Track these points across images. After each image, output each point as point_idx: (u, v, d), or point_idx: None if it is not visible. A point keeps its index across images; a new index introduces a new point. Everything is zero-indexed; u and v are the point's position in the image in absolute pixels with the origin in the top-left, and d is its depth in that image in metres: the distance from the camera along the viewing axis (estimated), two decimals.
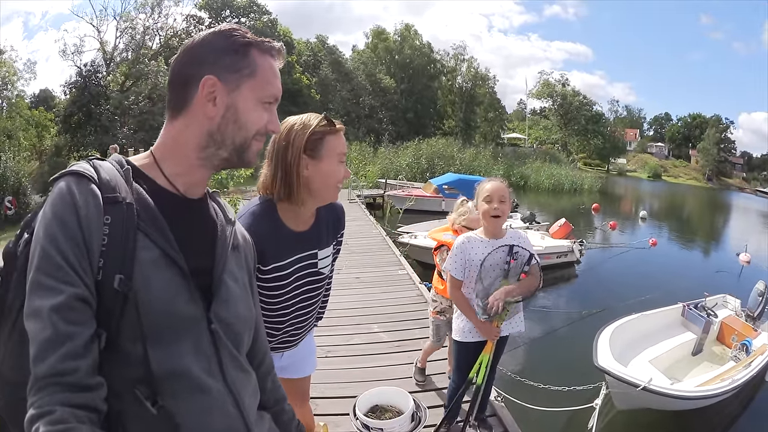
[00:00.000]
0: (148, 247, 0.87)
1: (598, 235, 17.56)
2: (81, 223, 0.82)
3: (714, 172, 66.79)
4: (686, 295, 7.27)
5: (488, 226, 2.66)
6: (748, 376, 5.23)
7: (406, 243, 10.11)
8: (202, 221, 1.03)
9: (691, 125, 75.38)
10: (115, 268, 0.82)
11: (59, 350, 0.76)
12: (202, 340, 0.93)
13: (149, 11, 29.14)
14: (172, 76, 0.98)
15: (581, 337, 6.13)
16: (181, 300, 0.89)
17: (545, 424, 4.62)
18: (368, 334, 4.79)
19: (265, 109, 1.00)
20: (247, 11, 36.63)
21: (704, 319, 6.34)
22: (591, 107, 57.22)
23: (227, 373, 0.96)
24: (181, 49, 0.98)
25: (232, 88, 0.95)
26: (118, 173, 0.90)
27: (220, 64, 0.94)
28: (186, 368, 0.89)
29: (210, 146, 0.97)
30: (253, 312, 1.11)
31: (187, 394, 0.89)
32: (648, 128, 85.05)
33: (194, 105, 0.95)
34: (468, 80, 48.26)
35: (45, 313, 0.77)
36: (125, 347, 0.83)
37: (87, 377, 0.77)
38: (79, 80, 21.87)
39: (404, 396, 2.78)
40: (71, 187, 0.84)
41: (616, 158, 62.46)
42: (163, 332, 0.87)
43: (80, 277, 0.80)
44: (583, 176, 38.17)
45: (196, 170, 0.99)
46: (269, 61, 1.00)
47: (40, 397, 0.74)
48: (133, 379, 0.84)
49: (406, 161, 29.11)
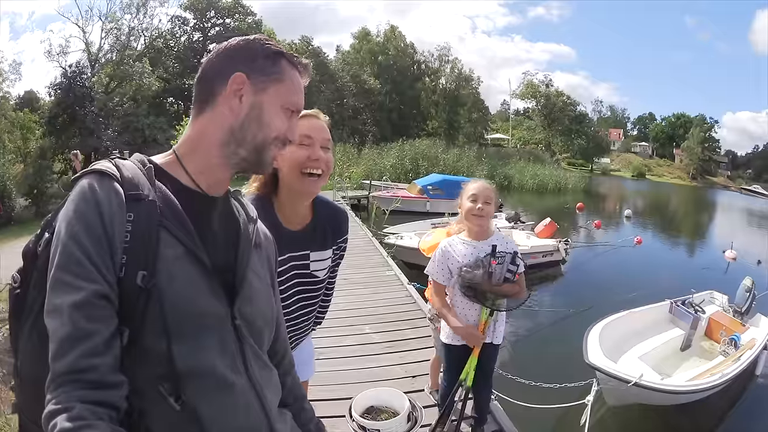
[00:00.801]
0: (172, 244, 0.87)
1: (583, 234, 17.67)
2: (104, 220, 0.82)
3: (698, 170, 67.54)
4: (673, 292, 7.32)
5: (471, 226, 2.66)
6: (738, 370, 5.30)
7: (393, 244, 10.10)
8: (225, 219, 1.03)
9: (676, 125, 76.22)
10: (138, 264, 0.82)
11: (79, 347, 0.75)
12: (226, 336, 0.93)
13: (134, 12, 28.91)
14: (202, 73, 1.00)
15: (570, 335, 6.16)
16: (205, 296, 0.90)
17: (539, 421, 4.63)
18: (360, 335, 4.80)
19: (287, 116, 1.02)
20: (232, 12, 36.45)
21: (692, 316, 6.41)
22: (575, 107, 57.65)
23: (251, 369, 0.97)
24: (214, 50, 1.01)
25: (259, 89, 0.97)
26: (141, 171, 0.90)
27: (252, 65, 0.97)
28: (210, 364, 0.89)
29: (231, 143, 0.97)
30: (275, 309, 1.12)
31: (210, 390, 0.89)
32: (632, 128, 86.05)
33: (220, 100, 0.97)
34: (452, 81, 48.35)
35: (65, 310, 0.76)
36: (148, 344, 0.83)
37: (107, 374, 0.77)
38: (64, 81, 21.56)
39: (400, 397, 2.78)
40: (93, 186, 0.84)
41: (599, 158, 62.85)
42: (187, 328, 0.87)
43: (102, 274, 0.80)
44: (567, 176, 38.45)
45: (217, 169, 0.99)
46: (296, 74, 1.03)
47: (59, 394, 0.74)
48: (156, 375, 0.84)
49: (390, 162, 29.23)
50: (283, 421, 1.09)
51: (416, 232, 10.97)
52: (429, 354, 4.28)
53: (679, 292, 7.28)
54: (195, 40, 36.19)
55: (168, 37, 34.60)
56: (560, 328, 7.82)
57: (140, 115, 23.84)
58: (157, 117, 25.30)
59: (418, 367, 4.11)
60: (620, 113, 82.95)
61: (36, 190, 14.43)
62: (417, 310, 5.55)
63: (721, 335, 6.37)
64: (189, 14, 35.54)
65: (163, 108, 32.22)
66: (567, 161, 56.60)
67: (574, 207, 24.21)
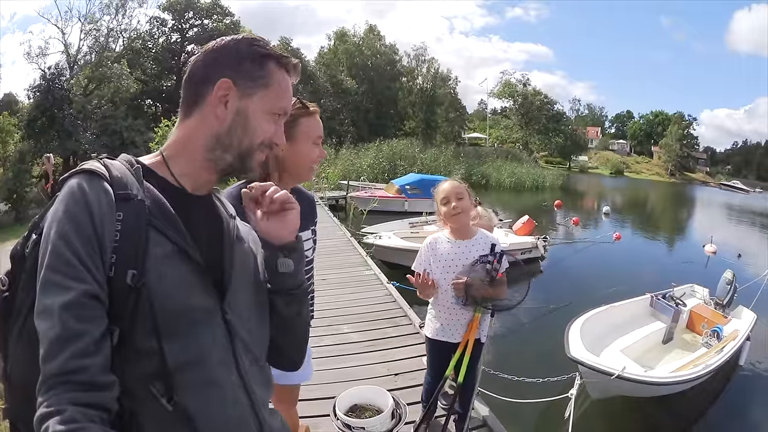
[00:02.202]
0: (161, 242, 0.88)
1: (561, 231, 17.75)
2: (94, 220, 0.82)
3: (677, 167, 68.66)
4: (653, 286, 7.39)
5: (453, 226, 2.65)
6: (722, 361, 5.37)
7: (372, 244, 10.06)
8: (211, 217, 1.04)
9: (654, 122, 77.54)
10: (127, 263, 0.83)
11: (70, 348, 0.75)
12: (217, 331, 0.93)
13: (113, 13, 28.50)
14: (190, 75, 1.00)
15: (551, 331, 6.18)
16: (196, 292, 0.91)
17: (522, 416, 4.65)
18: (339, 335, 4.76)
19: (273, 120, 1.03)
20: (210, 13, 36.08)
21: (673, 309, 6.48)
22: (552, 106, 58.01)
23: (241, 365, 0.97)
24: (202, 50, 1.01)
25: (245, 95, 0.98)
26: (129, 171, 0.91)
27: (238, 69, 0.97)
28: (201, 360, 0.90)
29: (217, 148, 0.99)
30: (266, 300, 1.11)
31: (201, 386, 0.89)
32: (610, 126, 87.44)
33: (206, 105, 0.97)
34: (428, 81, 48.31)
35: (55, 311, 0.76)
36: (139, 343, 0.83)
37: (98, 375, 0.77)
38: (42, 84, 21.15)
39: (383, 394, 2.78)
40: (83, 185, 0.84)
41: (577, 156, 63.61)
42: (179, 326, 0.87)
43: (92, 274, 0.80)
44: (545, 174, 38.69)
45: (202, 172, 1.01)
46: (284, 76, 1.03)
47: (50, 396, 0.74)
48: (147, 375, 0.84)
49: (368, 162, 29.12)
50: (273, 418, 1.09)
51: (394, 231, 10.98)
52: (411, 352, 4.29)
53: (660, 286, 7.36)
54: (173, 42, 35.76)
55: (146, 38, 34.17)
56: (541, 324, 7.83)
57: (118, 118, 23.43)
58: (135, 119, 24.87)
59: (400, 364, 4.09)
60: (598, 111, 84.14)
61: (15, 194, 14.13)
62: (398, 308, 5.53)
63: (703, 327, 6.45)
64: (167, 15, 35.09)
65: (141, 110, 31.84)
66: (545, 159, 57.15)
67: (552, 204, 24.29)
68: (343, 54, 43.96)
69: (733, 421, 5.52)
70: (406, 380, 3.79)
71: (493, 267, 2.53)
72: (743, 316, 6.79)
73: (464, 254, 2.59)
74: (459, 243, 2.62)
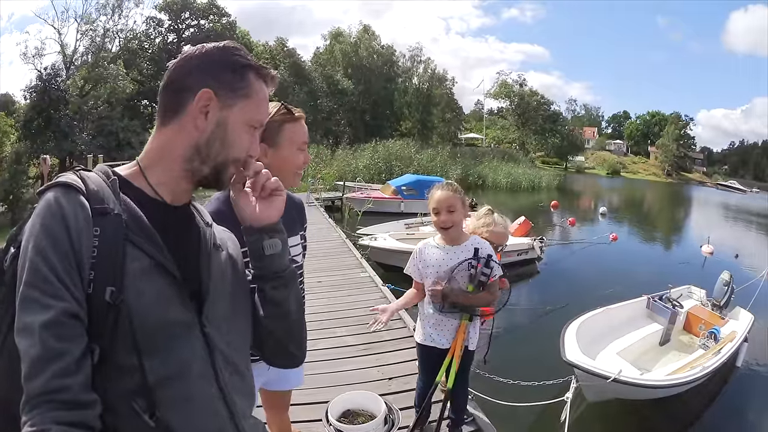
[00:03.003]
0: (138, 257, 0.86)
1: (558, 232, 17.71)
2: (71, 235, 0.81)
3: (673, 167, 68.84)
4: (650, 287, 7.35)
5: (442, 235, 2.64)
6: (719, 363, 5.35)
7: (367, 246, 10.02)
8: (188, 228, 1.03)
9: (650, 123, 77.80)
10: (106, 280, 0.82)
11: (51, 368, 0.75)
12: (196, 344, 0.92)
13: (110, 13, 28.45)
14: (168, 82, 0.97)
15: (547, 333, 6.13)
16: (174, 307, 0.90)
17: (518, 420, 4.61)
18: (334, 338, 4.72)
19: (250, 133, 1.01)
20: (207, 13, 36.11)
21: (670, 310, 6.46)
22: (548, 107, 58.29)
23: (221, 376, 0.96)
24: (181, 56, 0.99)
25: (225, 105, 0.96)
26: (105, 184, 0.89)
27: (219, 79, 0.96)
28: (181, 374, 0.89)
29: (195, 159, 0.97)
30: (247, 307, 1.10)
31: (182, 401, 0.88)
32: (606, 126, 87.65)
33: (186, 115, 0.95)
34: (425, 81, 48.34)
35: (35, 330, 0.76)
36: (120, 360, 0.82)
37: (80, 394, 0.77)
38: (39, 84, 21.14)
39: (375, 400, 2.75)
40: (59, 199, 0.83)
41: (574, 156, 63.76)
42: (158, 341, 0.86)
43: (70, 291, 0.79)
44: (541, 174, 38.71)
45: (179, 181, 0.99)
46: (262, 86, 1.02)
47: (34, 416, 0.73)
48: (128, 391, 0.83)
49: (364, 163, 29.16)
50: (255, 428, 1.08)
51: (390, 233, 10.92)
52: (405, 355, 4.25)
53: (656, 287, 7.32)
54: (169, 42, 35.76)
55: (143, 39, 34.16)
56: (537, 326, 7.81)
57: (114, 118, 23.40)
58: (131, 120, 24.85)
59: (393, 368, 4.05)
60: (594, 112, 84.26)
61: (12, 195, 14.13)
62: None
63: (700, 329, 6.43)
64: (164, 15, 35.18)
65: (137, 111, 31.76)
66: (541, 160, 57.26)
67: (549, 205, 24.29)
68: (340, 54, 43.88)
69: (730, 423, 5.50)
70: (400, 384, 3.75)
71: (478, 271, 2.49)
72: (740, 318, 6.76)
73: (452, 260, 2.57)
74: (448, 249, 2.61)
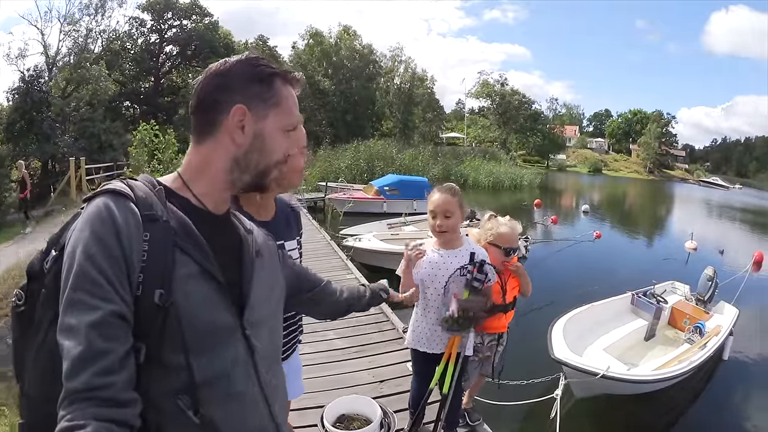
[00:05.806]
0: (186, 262, 0.90)
1: (541, 230, 17.67)
2: (122, 241, 0.84)
3: (655, 164, 69.43)
4: (634, 284, 7.47)
5: (437, 239, 2.65)
6: (706, 356, 5.46)
7: (351, 246, 9.93)
8: (231, 235, 1.08)
9: (632, 121, 78.39)
10: (155, 283, 0.85)
11: (94, 366, 0.76)
12: (239, 346, 0.97)
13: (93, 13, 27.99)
14: (198, 102, 1.00)
15: (533, 331, 6.17)
16: (219, 311, 0.93)
17: (509, 418, 4.65)
18: (324, 341, 4.71)
19: (286, 136, 1.05)
20: (189, 13, 35.69)
21: (654, 306, 6.57)
22: (530, 106, 58.11)
23: (261, 377, 1.01)
24: (207, 74, 1.01)
25: (259, 117, 0.99)
26: (151, 192, 0.93)
27: (248, 92, 0.98)
28: (226, 374, 0.93)
29: (235, 171, 1.01)
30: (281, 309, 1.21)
31: (225, 399, 0.92)
32: (588, 124, 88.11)
33: (222, 132, 0.98)
34: (406, 81, 47.91)
35: (82, 330, 0.77)
36: (167, 359, 0.85)
37: (122, 392, 0.78)
38: (21, 86, 20.69)
39: (370, 404, 2.76)
40: (109, 205, 0.86)
41: (555, 154, 63.69)
42: (205, 342, 0.90)
43: (119, 294, 0.81)
44: (523, 173, 38.35)
45: (222, 191, 1.03)
46: (290, 91, 1.06)
47: (73, 410, 0.74)
48: (174, 389, 0.86)
49: (346, 163, 28.92)
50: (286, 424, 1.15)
51: (374, 233, 10.87)
52: (396, 357, 4.28)
53: (641, 283, 7.43)
54: (152, 42, 35.31)
55: (125, 39, 33.65)
56: (523, 324, 7.78)
57: (96, 120, 22.97)
58: (113, 122, 24.46)
59: (385, 371, 4.07)
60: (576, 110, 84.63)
61: None
62: (380, 313, 5.45)
63: (685, 324, 6.54)
64: (146, 15, 34.67)
65: (119, 112, 31.27)
66: (522, 158, 57.16)
67: (532, 204, 24.21)
68: (320, 54, 43.52)
69: (717, 415, 5.61)
70: (391, 387, 3.77)
71: (473, 277, 2.46)
72: (725, 312, 6.89)
73: (446, 264, 2.55)
74: (443, 252, 2.60)
